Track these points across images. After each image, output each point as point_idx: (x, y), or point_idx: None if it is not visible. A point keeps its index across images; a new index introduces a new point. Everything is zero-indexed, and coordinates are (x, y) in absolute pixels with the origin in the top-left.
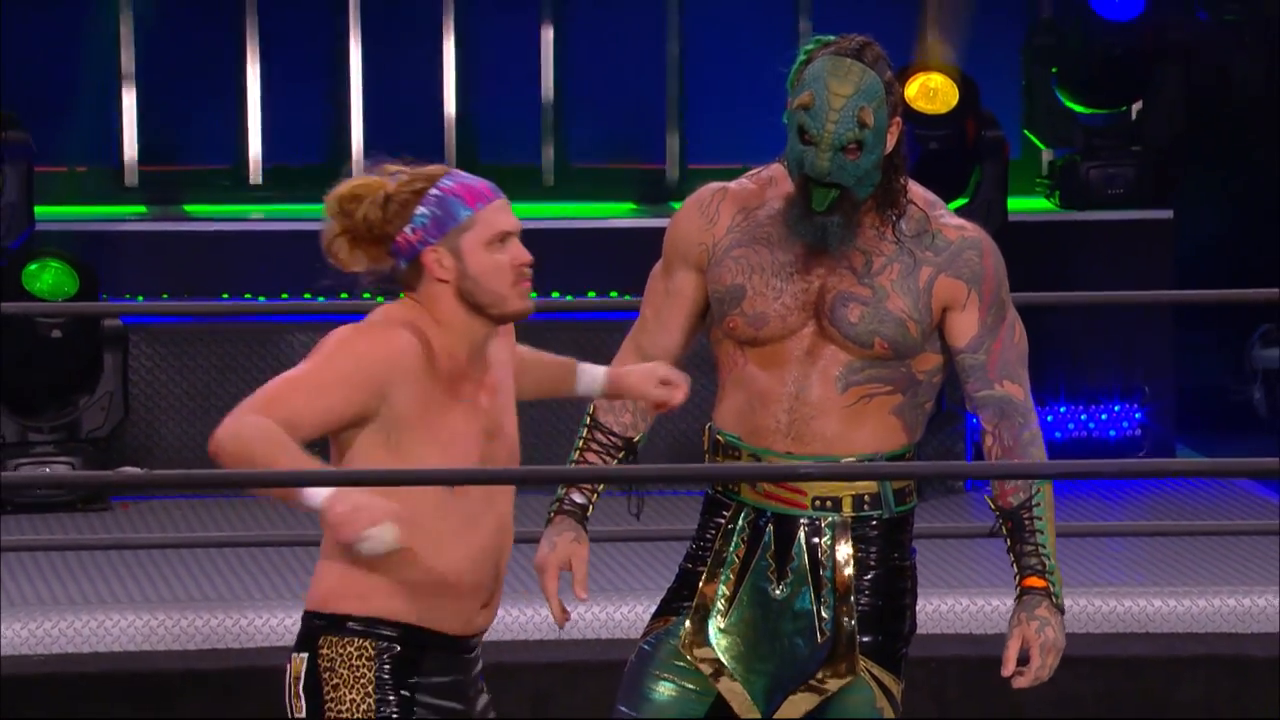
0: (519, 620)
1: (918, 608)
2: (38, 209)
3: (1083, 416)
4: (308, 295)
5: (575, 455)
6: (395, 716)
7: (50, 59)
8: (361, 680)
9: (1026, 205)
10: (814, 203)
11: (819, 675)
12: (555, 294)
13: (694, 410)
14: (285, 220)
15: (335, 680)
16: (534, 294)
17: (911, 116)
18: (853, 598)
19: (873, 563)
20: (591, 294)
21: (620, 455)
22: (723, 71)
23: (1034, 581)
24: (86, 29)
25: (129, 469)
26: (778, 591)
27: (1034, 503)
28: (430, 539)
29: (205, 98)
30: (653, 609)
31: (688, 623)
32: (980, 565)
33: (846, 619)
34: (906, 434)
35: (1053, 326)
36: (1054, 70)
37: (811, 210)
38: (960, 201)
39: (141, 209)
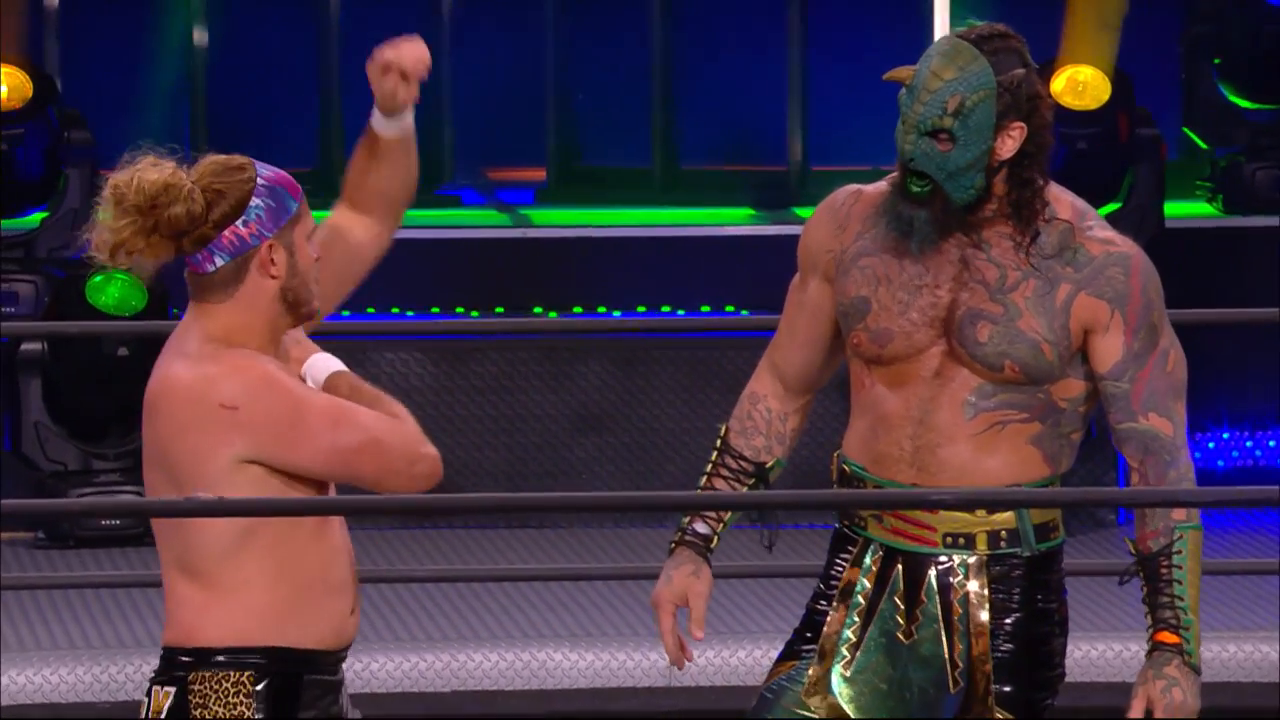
0: (626, 665)
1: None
2: None
3: (1247, 444)
4: (395, 310)
5: (703, 480)
6: None
7: (118, 55)
8: (240, 718)
9: (1186, 210)
10: (905, 190)
11: None
12: (665, 309)
13: (819, 438)
14: None
15: (208, 718)
16: (641, 308)
17: (1058, 113)
18: (989, 643)
19: (1014, 605)
20: (705, 309)
21: (750, 482)
22: (849, 65)
23: (1166, 637)
24: (157, 24)
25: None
26: (907, 637)
27: (1174, 550)
28: (286, 544)
29: (284, 97)
30: (774, 653)
31: (810, 669)
32: (1133, 606)
33: (982, 667)
34: (1049, 465)
35: (1214, 344)
36: (1216, 61)
37: (902, 198)
38: (1112, 207)
39: None
